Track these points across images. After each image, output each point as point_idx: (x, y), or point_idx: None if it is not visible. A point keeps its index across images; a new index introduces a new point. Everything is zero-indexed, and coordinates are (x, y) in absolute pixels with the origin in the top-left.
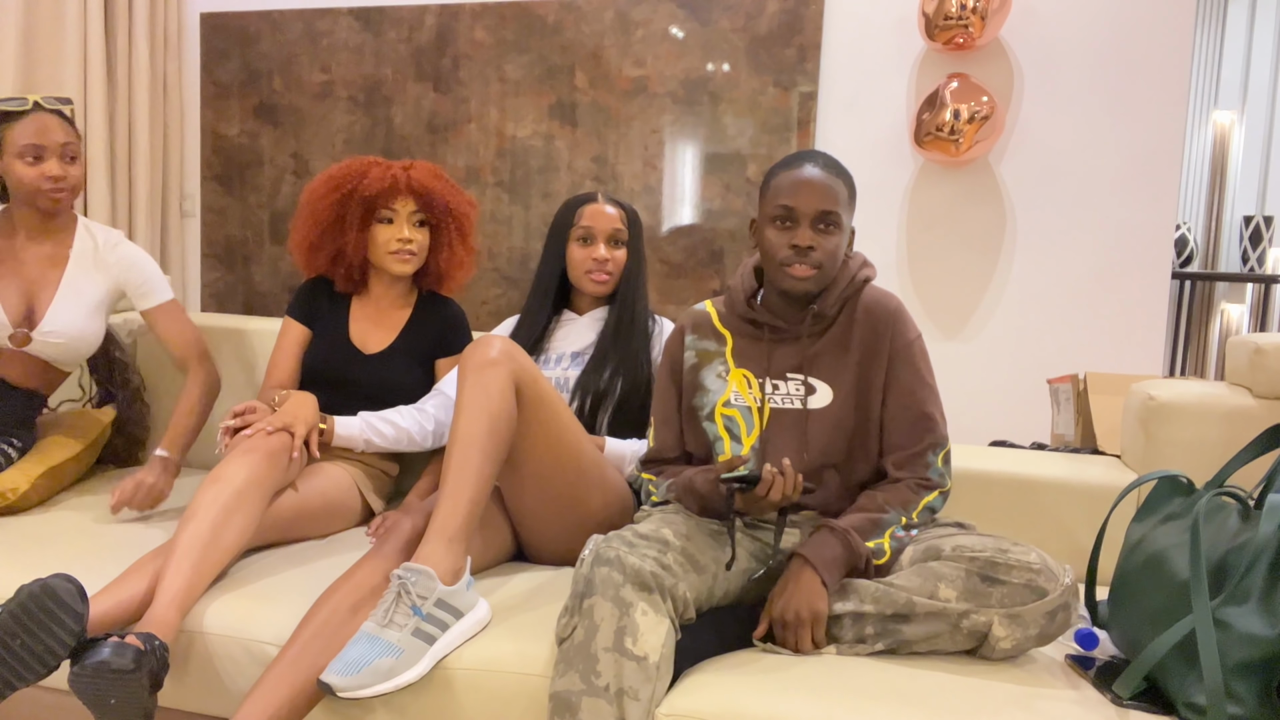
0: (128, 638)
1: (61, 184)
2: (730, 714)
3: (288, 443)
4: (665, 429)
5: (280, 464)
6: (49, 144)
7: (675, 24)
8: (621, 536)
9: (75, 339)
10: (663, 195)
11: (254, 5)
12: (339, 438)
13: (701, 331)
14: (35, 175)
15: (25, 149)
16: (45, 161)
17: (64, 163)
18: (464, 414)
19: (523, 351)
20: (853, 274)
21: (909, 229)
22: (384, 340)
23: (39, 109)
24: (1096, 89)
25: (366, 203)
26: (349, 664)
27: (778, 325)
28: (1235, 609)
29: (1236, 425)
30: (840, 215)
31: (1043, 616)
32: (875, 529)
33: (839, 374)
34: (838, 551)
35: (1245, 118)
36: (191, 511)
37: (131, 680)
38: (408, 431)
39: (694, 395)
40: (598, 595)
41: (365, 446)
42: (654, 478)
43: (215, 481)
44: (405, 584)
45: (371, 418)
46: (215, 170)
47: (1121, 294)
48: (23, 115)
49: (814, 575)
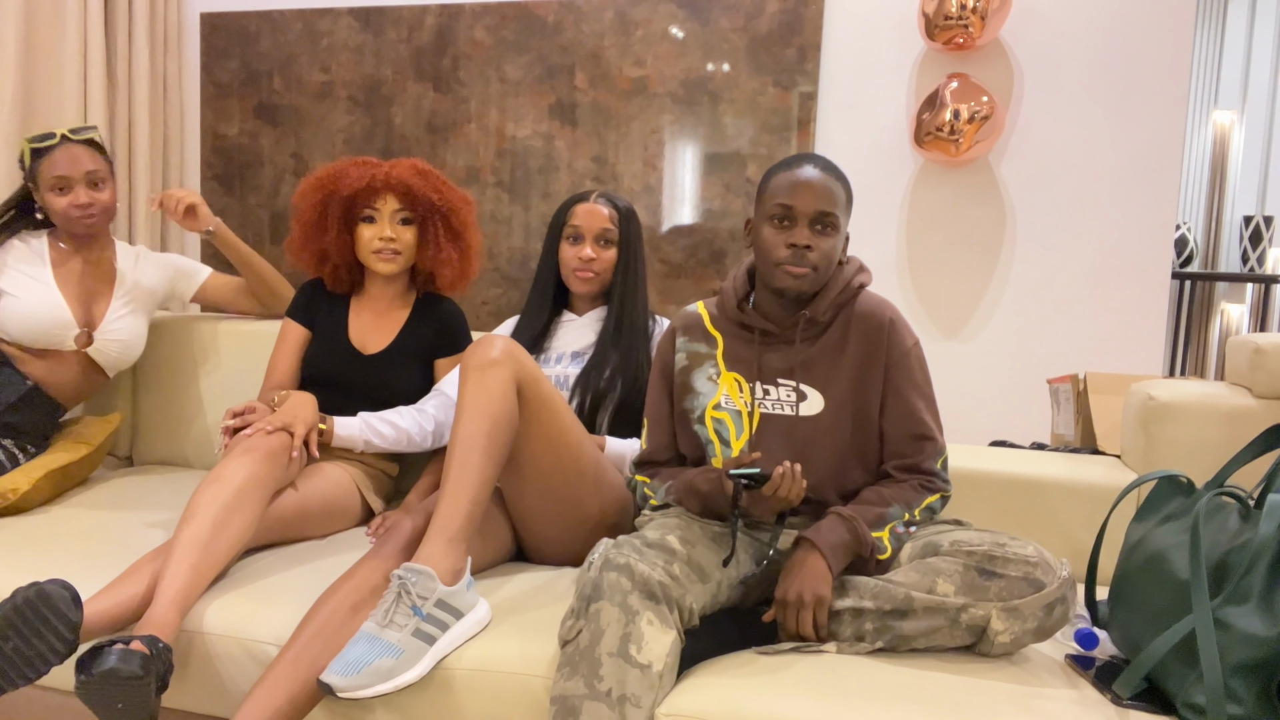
0: (132, 643)
1: (90, 210)
2: (730, 714)
3: (287, 442)
4: (657, 430)
5: (280, 463)
6: (74, 174)
7: (675, 24)
8: (631, 543)
9: (131, 343)
10: (663, 195)
11: (254, 5)
12: (338, 438)
13: (692, 333)
14: (65, 205)
15: (54, 181)
16: (72, 191)
17: (90, 189)
18: (465, 414)
19: (525, 351)
20: (848, 279)
21: (909, 229)
22: (382, 341)
23: (66, 141)
24: (1096, 89)
25: (345, 203)
26: (349, 664)
27: (769, 329)
28: (1235, 609)
29: (1236, 425)
30: (837, 217)
31: (1041, 609)
32: (880, 521)
33: (831, 381)
34: (844, 537)
35: (1245, 118)
36: (190, 511)
37: (141, 686)
38: (407, 432)
39: (685, 398)
40: (605, 600)
41: (365, 447)
42: (649, 480)
43: (214, 481)
44: (406, 584)
45: (371, 418)
46: (215, 170)
47: (1121, 294)
48: (52, 150)
49: (819, 559)
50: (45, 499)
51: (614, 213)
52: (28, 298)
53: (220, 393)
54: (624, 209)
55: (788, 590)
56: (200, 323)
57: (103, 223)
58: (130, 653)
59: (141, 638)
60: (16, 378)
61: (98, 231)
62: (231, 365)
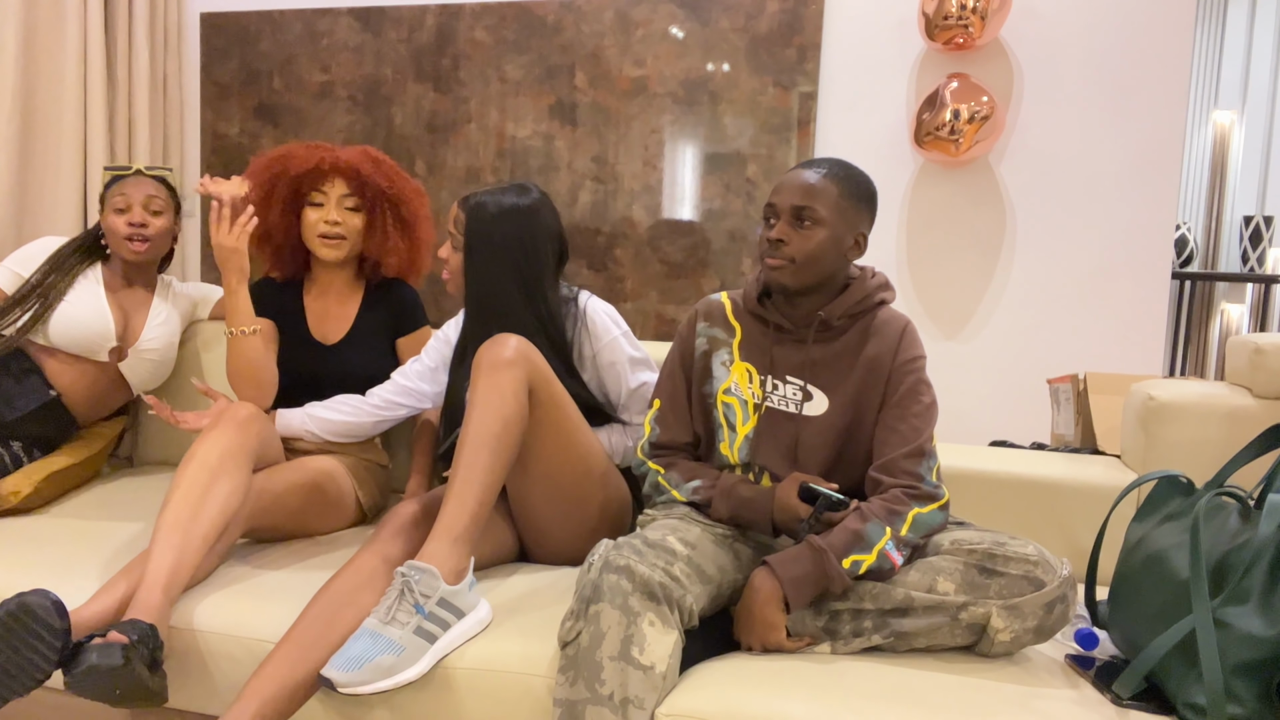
0: (109, 634)
1: (142, 230)
2: (730, 714)
3: (255, 410)
4: (674, 416)
5: (252, 430)
6: (135, 196)
7: (675, 24)
8: (631, 544)
9: (161, 363)
10: (662, 195)
11: (254, 5)
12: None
13: (714, 320)
14: (121, 223)
15: (117, 202)
16: (132, 211)
17: (146, 212)
18: (476, 413)
19: (537, 352)
20: (868, 291)
21: (909, 229)
22: (341, 330)
23: (139, 174)
24: (1096, 89)
25: (293, 183)
26: (350, 660)
27: (783, 325)
28: (1235, 609)
29: (1236, 425)
30: (817, 211)
31: (1041, 608)
32: (856, 542)
33: (839, 386)
34: (807, 569)
35: (1245, 118)
36: (168, 495)
37: (126, 673)
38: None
39: (705, 382)
40: (605, 602)
41: (309, 437)
42: (663, 470)
43: (189, 461)
44: (409, 581)
45: (314, 408)
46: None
47: (1121, 294)
48: (124, 178)
49: (771, 595)
50: (46, 500)
51: (459, 214)
52: (78, 305)
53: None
54: (466, 207)
55: (743, 636)
56: (200, 323)
57: (153, 251)
58: (108, 646)
59: (120, 625)
60: (41, 387)
61: (146, 259)
62: None
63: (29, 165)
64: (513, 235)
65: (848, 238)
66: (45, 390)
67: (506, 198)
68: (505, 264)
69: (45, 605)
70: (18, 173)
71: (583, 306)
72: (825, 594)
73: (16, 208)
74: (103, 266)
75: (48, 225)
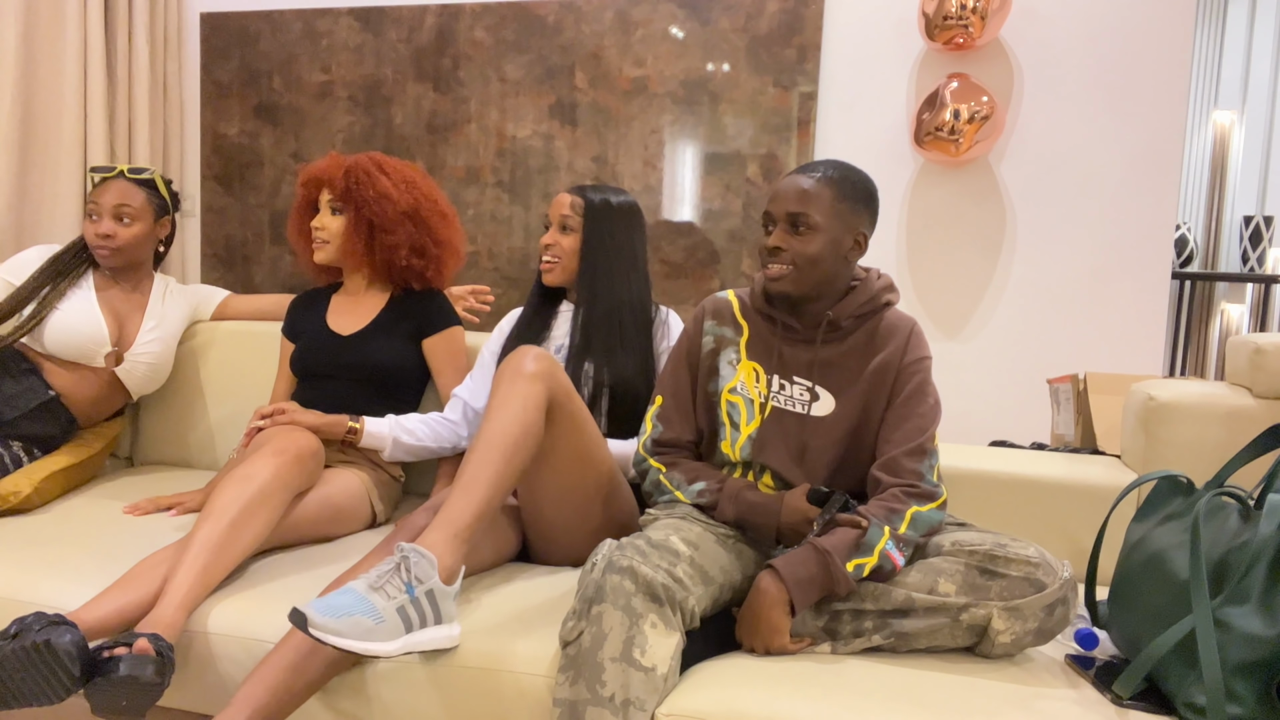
0: (136, 644)
1: (107, 241)
2: (730, 714)
3: (318, 446)
4: (678, 414)
5: (308, 468)
6: (104, 203)
7: (675, 24)
8: (635, 545)
9: (158, 366)
10: (663, 195)
11: (254, 5)
12: (369, 435)
13: (721, 318)
14: (90, 231)
15: (90, 207)
16: (100, 221)
17: (115, 222)
18: (494, 417)
19: (559, 367)
20: (873, 292)
21: (909, 229)
22: (359, 324)
23: (121, 176)
24: (1096, 89)
25: (305, 191)
26: (332, 607)
27: (791, 324)
28: (1235, 609)
29: (1236, 425)
30: (812, 217)
31: (1041, 610)
32: (858, 547)
33: (846, 388)
34: (813, 571)
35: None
36: (210, 509)
37: (155, 691)
38: (431, 436)
39: (710, 380)
40: (607, 603)
41: (393, 447)
42: (664, 468)
43: (240, 480)
44: (407, 559)
45: (401, 419)
46: (215, 170)
47: (1121, 294)
48: (106, 181)
49: (777, 599)
50: (46, 500)
51: (578, 200)
52: (71, 312)
53: (221, 394)
54: (589, 197)
55: (747, 640)
56: (201, 324)
57: (121, 259)
58: (141, 659)
59: (148, 638)
60: (40, 387)
61: (116, 266)
62: (232, 366)
63: (29, 165)
64: (633, 230)
65: (846, 240)
66: (44, 390)
67: (621, 196)
68: (621, 260)
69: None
70: (18, 173)
71: (665, 314)
72: (830, 597)
73: (16, 208)
74: (95, 272)
75: (48, 225)
